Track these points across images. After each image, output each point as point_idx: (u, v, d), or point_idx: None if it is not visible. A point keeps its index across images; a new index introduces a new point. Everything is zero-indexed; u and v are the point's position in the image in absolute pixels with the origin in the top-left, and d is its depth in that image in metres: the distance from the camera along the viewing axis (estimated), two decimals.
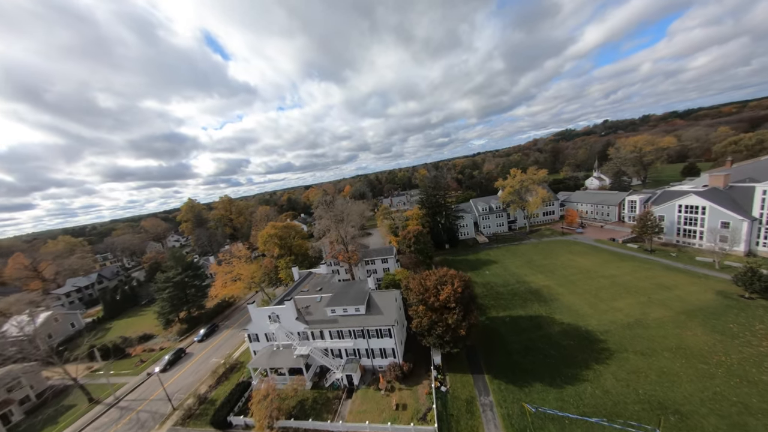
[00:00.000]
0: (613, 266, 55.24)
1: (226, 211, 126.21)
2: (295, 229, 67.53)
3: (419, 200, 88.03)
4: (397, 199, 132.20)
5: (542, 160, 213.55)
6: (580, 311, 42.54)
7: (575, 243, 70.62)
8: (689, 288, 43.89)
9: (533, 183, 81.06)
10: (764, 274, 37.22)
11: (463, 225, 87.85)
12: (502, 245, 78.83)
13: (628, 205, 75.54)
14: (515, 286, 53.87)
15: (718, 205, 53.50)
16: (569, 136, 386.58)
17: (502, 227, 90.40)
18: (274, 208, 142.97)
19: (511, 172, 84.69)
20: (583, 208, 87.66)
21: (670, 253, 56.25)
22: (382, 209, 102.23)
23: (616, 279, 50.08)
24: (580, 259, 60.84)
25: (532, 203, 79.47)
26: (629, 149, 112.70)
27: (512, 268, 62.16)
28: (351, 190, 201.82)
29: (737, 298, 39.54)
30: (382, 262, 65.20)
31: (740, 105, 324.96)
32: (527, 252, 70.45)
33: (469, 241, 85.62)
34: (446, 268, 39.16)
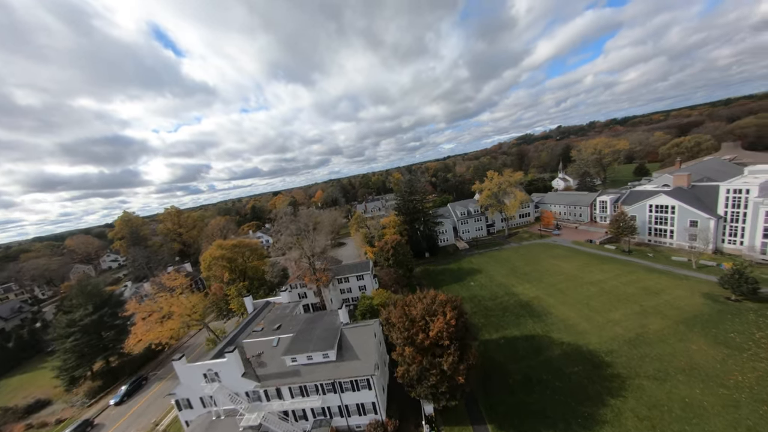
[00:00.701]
0: (596, 270, 53.52)
1: (174, 224, 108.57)
2: (250, 247, 56.30)
3: (395, 206, 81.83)
4: (371, 204, 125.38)
5: (509, 163, 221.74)
6: (576, 327, 38.76)
7: (555, 246, 69.26)
8: (676, 292, 42.58)
9: (510, 185, 79.27)
10: (751, 277, 36.34)
11: (443, 231, 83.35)
12: (484, 251, 75.42)
13: (599, 206, 76.68)
14: (504, 299, 49.45)
15: (687, 204, 54.52)
16: (529, 140, 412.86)
17: (482, 231, 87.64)
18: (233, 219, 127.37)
19: (488, 175, 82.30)
20: (557, 210, 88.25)
21: (647, 254, 56.23)
22: (356, 217, 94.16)
23: (603, 285, 47.90)
24: (563, 264, 58.73)
25: (510, 206, 77.39)
26: (590, 151, 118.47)
27: (498, 278, 58.15)
28: (322, 196, 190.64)
29: (724, 301, 38.53)
30: (357, 279, 57.30)
31: (665, 114, 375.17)
32: (510, 258, 67.42)
33: (450, 248, 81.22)
34: (434, 292, 32.75)
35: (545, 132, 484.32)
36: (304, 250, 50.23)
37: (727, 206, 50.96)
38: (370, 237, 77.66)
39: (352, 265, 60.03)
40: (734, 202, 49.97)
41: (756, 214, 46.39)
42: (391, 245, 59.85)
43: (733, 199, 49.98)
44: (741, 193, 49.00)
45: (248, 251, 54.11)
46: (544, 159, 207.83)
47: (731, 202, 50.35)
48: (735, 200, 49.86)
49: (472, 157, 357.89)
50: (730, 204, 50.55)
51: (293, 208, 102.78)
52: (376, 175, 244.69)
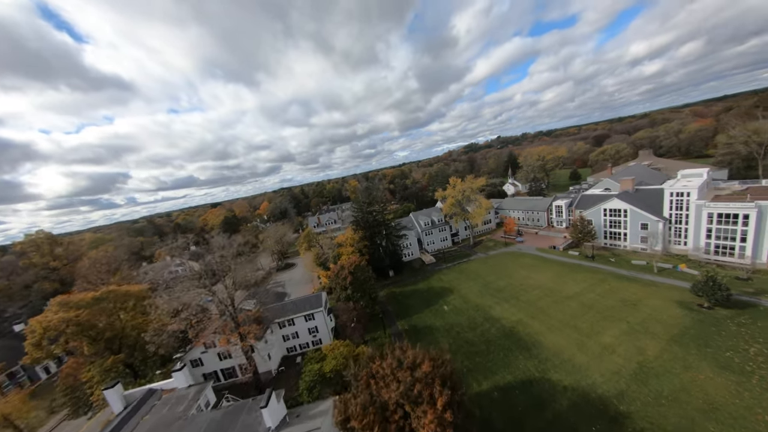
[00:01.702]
0: (569, 281, 50.77)
1: (44, 256, 77.92)
2: (130, 295, 36.17)
3: (353, 220, 70.77)
4: (326, 216, 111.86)
5: (461, 169, 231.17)
6: (573, 360, 33.03)
7: (521, 255, 66.63)
8: (651, 301, 40.84)
9: (473, 192, 75.55)
10: (723, 284, 35.47)
11: (407, 245, 75.12)
12: (451, 264, 69.24)
13: (555, 210, 77.98)
14: (485, 327, 42.32)
15: (637, 208, 56.23)
16: (475, 149, 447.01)
17: (447, 242, 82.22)
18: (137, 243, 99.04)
19: (451, 182, 77.51)
20: (515, 215, 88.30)
21: (609, 259, 56.19)
22: (306, 235, 79.60)
23: (582, 299, 44.56)
24: (535, 276, 55.19)
25: (476, 214, 73.33)
26: (535, 158, 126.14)
27: (472, 298, 51.45)
28: (269, 208, 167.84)
29: (698, 309, 37.40)
30: (306, 319, 44.21)
31: (577, 128, 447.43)
32: (479, 271, 62.09)
33: (416, 263, 73.19)
34: (413, 351, 22.93)
35: (487, 141, 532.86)
36: (216, 296, 35.21)
37: (671, 209, 53.43)
38: (324, 258, 64.90)
39: (300, 302, 46.62)
40: (677, 204, 52.50)
41: (699, 216, 48.74)
42: (349, 270, 48.51)
43: (676, 201, 52.52)
44: (683, 196, 51.60)
45: (132, 302, 35.54)
46: (492, 165, 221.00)
47: (674, 205, 52.88)
48: (678, 203, 52.40)
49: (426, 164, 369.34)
50: (674, 206, 53.04)
51: (196, 237, 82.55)
52: (331, 183, 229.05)
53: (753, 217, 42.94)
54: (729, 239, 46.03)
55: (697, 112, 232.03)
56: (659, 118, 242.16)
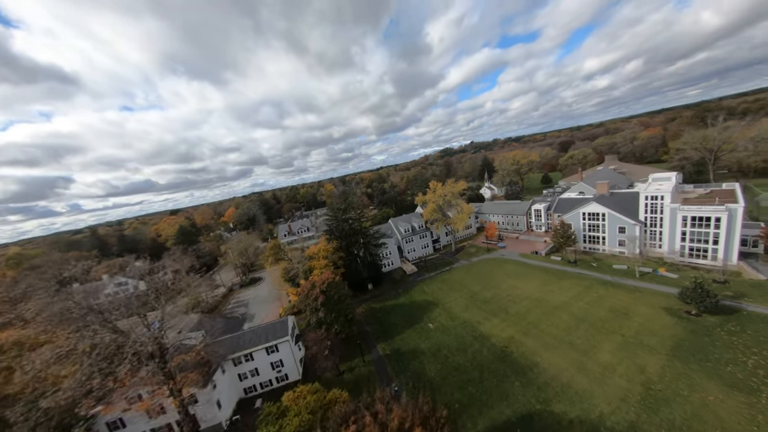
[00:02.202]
0: (556, 289, 48.70)
1: None
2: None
3: (326, 228, 64.05)
4: (298, 223, 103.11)
5: (438, 173, 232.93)
6: (574, 385, 29.64)
7: (505, 261, 64.40)
8: (640, 309, 39.42)
9: (455, 196, 72.58)
10: (711, 291, 34.59)
11: (387, 253, 69.84)
12: (434, 273, 65.12)
13: (534, 214, 77.61)
14: (475, 348, 38.08)
15: (615, 211, 56.37)
16: (451, 153, 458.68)
17: (428, 249, 78.31)
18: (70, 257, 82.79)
19: (431, 186, 73.94)
20: (495, 219, 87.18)
21: (591, 264, 55.44)
22: (272, 247, 70.80)
23: (572, 309, 42.26)
24: (520, 284, 52.66)
25: (457, 219, 70.21)
26: (510, 162, 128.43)
27: (459, 312, 47.31)
28: (235, 214, 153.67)
29: (687, 316, 36.35)
30: (268, 352, 36.86)
31: (543, 135, 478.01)
32: (464, 281, 58.53)
33: (396, 274, 68.04)
34: (399, 410, 17.44)
35: (462, 146, 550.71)
36: (133, 334, 26.88)
37: (646, 212, 54.02)
38: (293, 272, 57.35)
39: (261, 330, 39.02)
40: (652, 207, 53.14)
41: (673, 219, 49.31)
42: (321, 288, 41.96)
43: (651, 205, 53.14)
44: (657, 200, 52.26)
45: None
46: (468, 169, 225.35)
47: (650, 208, 53.49)
48: (652, 206, 53.04)
49: (403, 168, 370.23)
50: (649, 210, 53.65)
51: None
52: (305, 187, 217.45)
53: (724, 219, 43.76)
54: (702, 242, 46.78)
55: (643, 123, 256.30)
56: (612, 127, 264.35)
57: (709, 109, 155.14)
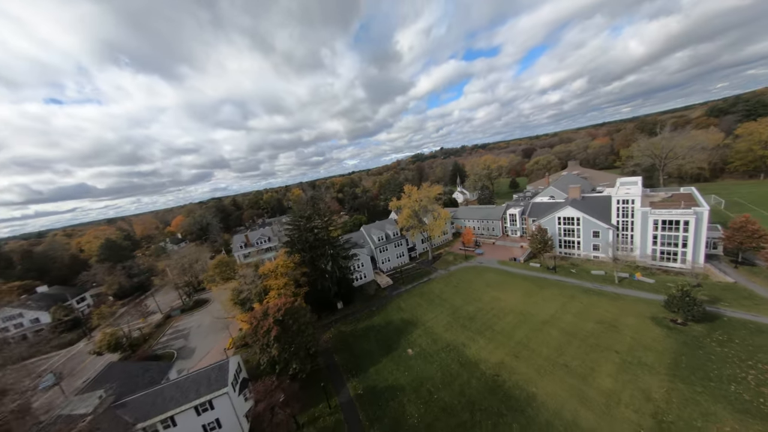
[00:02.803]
0: (540, 300, 45.70)
1: None
2: None
3: (287, 240, 55.07)
4: (257, 233, 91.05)
5: (411, 178, 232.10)
6: (580, 422, 25.29)
7: (484, 269, 60.98)
8: (628, 321, 37.33)
9: (431, 201, 68.15)
10: (698, 299, 33.23)
11: (359, 265, 62.59)
12: (411, 286, 59.37)
13: (509, 219, 76.30)
14: (463, 380, 32.55)
15: (589, 216, 55.99)
16: (422, 159, 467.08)
17: (404, 258, 72.63)
18: None
19: (406, 190, 68.82)
20: (471, 225, 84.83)
21: (570, 270, 53.97)
22: (218, 263, 58.95)
23: (560, 324, 39.05)
24: (503, 296, 49.03)
25: (435, 226, 65.65)
26: (481, 167, 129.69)
27: (441, 333, 41.77)
28: (184, 223, 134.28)
29: (674, 326, 34.78)
30: (199, 412, 27.42)
31: (506, 142, 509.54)
32: (444, 293, 53.56)
33: (369, 288, 60.99)
34: None
35: (432, 152, 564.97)
36: None
37: (618, 216, 54.19)
38: (245, 295, 47.38)
39: (190, 382, 29.26)
40: (623, 211, 53.38)
41: (645, 223, 49.55)
42: (275, 317, 33.49)
43: (623, 209, 53.37)
44: (628, 204, 52.56)
45: None
46: (439, 174, 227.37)
47: (621, 212, 53.71)
48: (624, 210, 53.29)
49: (376, 172, 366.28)
50: (620, 214, 53.84)
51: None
52: (269, 192, 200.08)
53: (692, 223, 44.36)
54: (672, 245, 47.26)
55: (590, 134, 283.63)
56: (566, 137, 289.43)
57: (645, 123, 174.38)
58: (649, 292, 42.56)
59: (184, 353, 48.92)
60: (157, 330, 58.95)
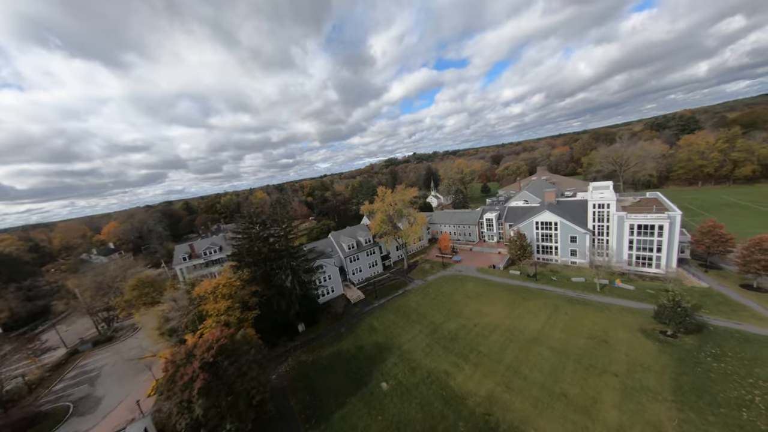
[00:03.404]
0: (524, 312, 41.95)
1: None
2: None
3: (234, 252, 45.38)
4: (206, 241, 77.93)
5: (384, 182, 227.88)
6: None
7: (463, 279, 56.62)
8: (618, 335, 34.56)
9: (405, 205, 62.66)
10: (689, 308, 31.19)
11: (325, 279, 54.54)
12: (385, 300, 52.84)
13: (485, 224, 73.72)
14: (449, 422, 26.54)
15: (567, 220, 54.56)
16: (395, 163, 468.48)
17: (377, 268, 65.92)
18: None
19: (379, 193, 62.61)
20: (447, 230, 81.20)
21: (551, 278, 51.54)
22: (134, 285, 45.83)
23: (549, 341, 35.19)
24: (486, 308, 44.62)
25: (410, 232, 60.13)
26: (455, 170, 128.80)
27: (420, 358, 35.65)
28: (118, 231, 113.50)
29: (665, 339, 32.53)
30: None
31: (475, 149, 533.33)
32: (422, 308, 47.83)
33: (337, 305, 53.01)
34: None
35: (405, 157, 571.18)
36: None
37: (594, 220, 53.33)
38: (173, 324, 36.82)
39: None
40: (599, 216, 52.59)
41: (621, 228, 48.83)
42: (204, 359, 24.64)
43: (599, 213, 52.58)
44: (604, 208, 51.82)
45: None
46: (413, 178, 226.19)
47: (597, 217, 52.89)
48: (600, 214, 52.51)
49: (349, 176, 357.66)
50: (596, 218, 53.01)
51: None
52: (229, 195, 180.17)
53: (666, 227, 44.06)
54: (647, 249, 46.81)
55: (550, 143, 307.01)
56: (528, 146, 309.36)
57: (598, 134, 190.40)
58: (632, 300, 40.88)
59: (84, 407, 36.62)
60: (54, 373, 44.83)
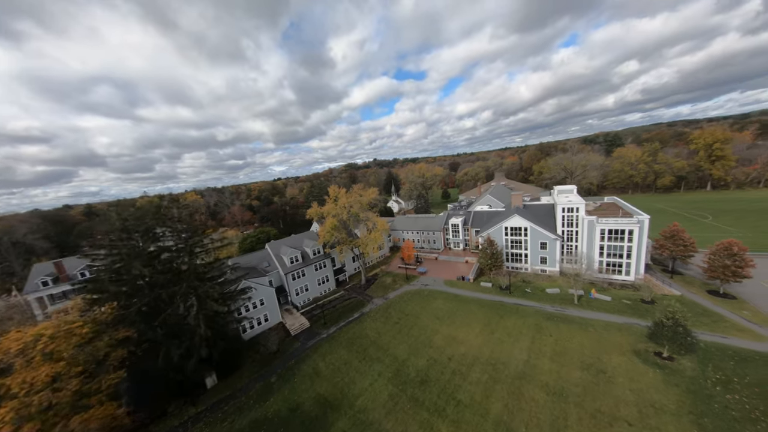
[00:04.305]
0: (504, 335, 34.85)
1: None
2: None
3: (91, 278, 29.49)
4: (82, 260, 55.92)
5: (343, 185, 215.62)
6: None
7: (430, 295, 48.30)
8: (613, 360, 29.11)
9: (363, 208, 52.47)
10: (687, 327, 26.85)
11: (254, 304, 40.67)
12: (336, 328, 41.32)
13: (451, 229, 67.61)
14: None
15: (537, 225, 50.59)
16: (356, 168, 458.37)
17: (328, 284, 53.83)
18: None
19: (331, 193, 51.44)
20: (410, 236, 73.30)
21: (525, 289, 46.20)
22: None
23: (540, 376, 28.11)
24: (459, 333, 36.51)
25: (369, 240, 49.91)
26: (417, 174, 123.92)
27: (380, 419, 25.16)
28: None
29: (662, 362, 27.89)
30: None
31: (433, 158, 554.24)
32: (382, 338, 37.64)
33: (269, 341, 39.22)
34: None
35: (365, 162, 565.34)
36: None
37: (563, 225, 50.23)
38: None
39: None
40: (569, 220, 49.63)
41: (591, 233, 46.05)
42: None
43: (567, 217, 49.60)
44: (573, 212, 48.97)
45: None
46: (373, 183, 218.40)
47: (566, 221, 49.88)
48: (569, 219, 49.57)
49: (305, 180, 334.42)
50: (566, 223, 49.97)
51: None
52: (144, 198, 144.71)
53: (636, 232, 42.02)
54: (618, 256, 44.49)
55: (499, 155, 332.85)
56: (481, 156, 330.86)
57: (543, 146, 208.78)
58: (612, 314, 36.84)
59: None
60: None
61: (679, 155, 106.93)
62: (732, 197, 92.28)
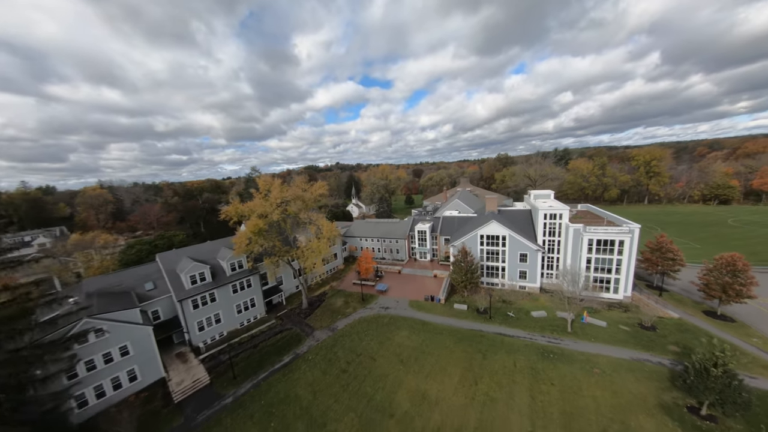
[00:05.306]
0: (493, 386, 24.87)
1: None
2: None
3: None
4: None
5: None
6: None
7: (392, 323, 36.76)
8: (642, 423, 20.85)
9: (307, 207, 39.12)
10: (738, 376, 19.66)
11: (103, 359, 24.16)
12: (251, 384, 27.05)
13: (417, 237, 57.66)
14: None
15: (516, 234, 43.14)
16: (316, 170, 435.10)
17: (253, 311, 38.60)
18: None
19: (261, 184, 37.19)
20: (369, 245, 61.55)
21: (507, 312, 37.50)
22: None
23: None
24: (432, 388, 25.51)
25: (311, 252, 36.57)
26: (379, 176, 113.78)
27: None
28: None
29: (708, 428, 20.33)
30: None
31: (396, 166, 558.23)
32: (320, 400, 24.68)
33: (125, 418, 23.36)
34: None
35: (327, 165, 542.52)
36: None
37: (545, 234, 43.64)
38: None
39: None
40: (551, 228, 43.19)
41: (577, 243, 39.80)
42: None
43: (550, 225, 43.15)
44: (556, 219, 42.65)
45: None
46: (333, 185, 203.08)
47: (548, 230, 43.39)
48: (551, 227, 43.14)
49: None
50: (547, 232, 43.45)
51: None
52: (20, 191, 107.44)
53: (627, 243, 36.58)
54: (606, 270, 38.71)
55: (459, 165, 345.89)
56: (442, 165, 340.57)
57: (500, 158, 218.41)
58: (614, 345, 29.66)
59: None
60: None
61: (622, 170, 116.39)
62: (668, 210, 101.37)
